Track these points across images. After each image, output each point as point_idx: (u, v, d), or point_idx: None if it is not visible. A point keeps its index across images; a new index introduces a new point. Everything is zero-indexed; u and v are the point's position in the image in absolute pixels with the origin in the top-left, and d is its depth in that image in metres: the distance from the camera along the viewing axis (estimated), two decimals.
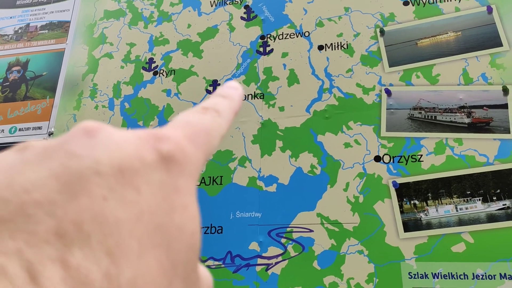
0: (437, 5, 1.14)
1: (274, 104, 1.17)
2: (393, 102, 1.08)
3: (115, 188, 0.15)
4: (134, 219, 0.15)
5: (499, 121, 0.99)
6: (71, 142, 0.16)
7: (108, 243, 0.14)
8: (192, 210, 0.17)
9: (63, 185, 0.14)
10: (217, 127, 0.21)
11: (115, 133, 0.17)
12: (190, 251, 0.17)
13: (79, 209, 0.14)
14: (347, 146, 1.07)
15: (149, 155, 0.16)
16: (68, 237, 0.13)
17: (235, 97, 0.24)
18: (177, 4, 1.36)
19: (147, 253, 0.15)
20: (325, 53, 1.19)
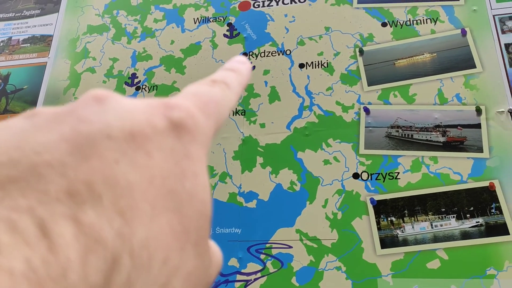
0: (413, 27, 1.18)
1: (255, 120, 1.18)
2: (372, 120, 1.10)
3: (127, 152, 0.15)
4: (146, 183, 0.15)
5: (473, 140, 1.02)
6: (81, 108, 0.16)
7: (120, 204, 0.14)
8: (202, 178, 0.17)
9: (74, 148, 0.14)
10: (226, 98, 0.21)
11: (125, 100, 0.17)
12: (202, 218, 0.16)
13: (90, 170, 0.14)
14: (327, 163, 1.09)
15: (160, 122, 0.16)
16: (80, 197, 0.13)
17: (243, 71, 0.24)
18: (160, 20, 1.38)
19: (159, 217, 0.15)
20: (306, 71, 1.21)
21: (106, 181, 0.14)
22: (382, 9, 1.23)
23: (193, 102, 0.18)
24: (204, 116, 0.18)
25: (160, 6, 1.40)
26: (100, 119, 0.15)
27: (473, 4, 1.16)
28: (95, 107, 0.16)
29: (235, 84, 0.22)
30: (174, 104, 0.17)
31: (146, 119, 0.16)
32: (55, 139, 0.14)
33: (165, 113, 0.17)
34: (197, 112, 0.18)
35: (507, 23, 1.10)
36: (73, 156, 0.14)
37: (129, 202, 0.14)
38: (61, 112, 0.15)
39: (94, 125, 0.15)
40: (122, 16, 1.41)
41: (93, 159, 0.14)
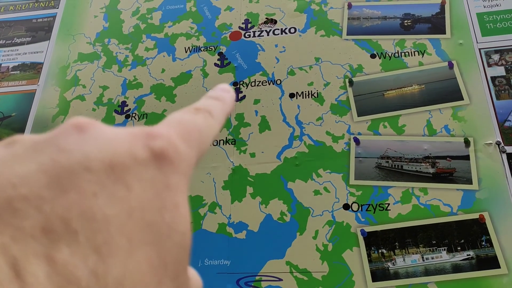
0: (402, 59, 1.20)
1: (245, 150, 1.18)
2: (362, 151, 1.11)
3: (105, 184, 0.14)
4: (123, 216, 0.14)
5: (462, 172, 1.02)
6: (61, 137, 0.15)
7: (96, 240, 0.13)
8: (183, 210, 0.16)
9: (51, 180, 0.14)
10: (210, 127, 0.21)
11: (107, 129, 0.16)
12: (181, 250, 0.16)
13: (67, 204, 0.13)
14: (317, 194, 1.09)
15: (140, 152, 0.16)
16: (55, 233, 0.13)
17: (227, 99, 0.24)
18: (152, 49, 1.39)
19: (136, 251, 0.14)
20: (296, 101, 1.22)
21: (82, 215, 0.13)
22: (370, 41, 1.25)
23: (176, 130, 0.18)
24: (186, 145, 0.18)
25: (152, 35, 1.41)
26: (80, 149, 0.15)
27: (459, 37, 1.19)
28: (75, 136, 0.15)
29: (219, 112, 0.22)
30: (156, 133, 0.17)
31: (126, 149, 0.16)
32: (32, 171, 0.14)
33: (147, 142, 0.16)
34: (179, 141, 0.18)
35: (492, 56, 1.13)
36: (51, 189, 0.13)
37: (106, 237, 0.13)
38: (41, 140, 0.15)
39: (74, 156, 0.14)
40: (113, 44, 1.42)
41: (70, 192, 0.14)
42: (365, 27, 1.27)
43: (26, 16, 1.50)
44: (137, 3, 1.48)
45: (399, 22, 1.26)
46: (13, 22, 1.49)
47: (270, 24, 1.35)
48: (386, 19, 1.27)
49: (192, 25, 1.40)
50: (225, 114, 0.23)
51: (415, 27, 1.23)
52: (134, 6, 1.47)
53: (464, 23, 1.21)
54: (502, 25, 1.16)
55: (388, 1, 1.30)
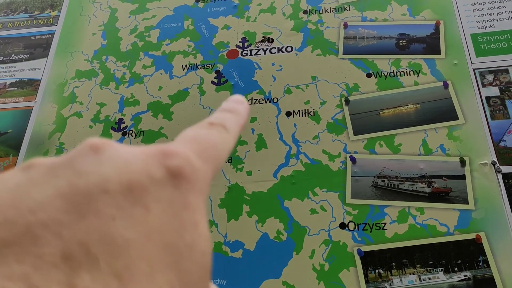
0: (397, 78, 1.21)
1: (242, 168, 1.18)
2: (358, 170, 1.11)
3: (124, 206, 0.14)
4: (143, 239, 0.14)
5: (458, 192, 1.03)
6: (78, 159, 0.15)
7: (117, 265, 0.13)
8: (202, 228, 0.16)
9: (70, 205, 0.13)
10: (225, 141, 0.20)
11: (122, 149, 0.16)
12: (202, 270, 0.16)
13: (86, 229, 0.13)
14: (313, 212, 1.08)
15: (157, 171, 0.16)
16: (75, 260, 0.12)
17: (241, 111, 0.23)
18: (149, 66, 1.39)
19: (157, 275, 0.14)
20: (293, 119, 1.22)
21: (102, 240, 0.13)
22: (366, 60, 1.26)
23: (191, 147, 0.18)
24: (202, 162, 0.18)
25: (149, 53, 1.42)
26: (97, 171, 0.15)
27: (453, 58, 1.20)
28: (91, 158, 0.15)
29: (233, 125, 0.22)
30: (172, 152, 0.17)
31: (143, 169, 0.15)
32: (50, 195, 0.14)
33: (163, 161, 0.16)
34: (195, 159, 0.17)
35: (487, 76, 1.14)
36: (69, 214, 0.13)
37: (126, 262, 0.13)
38: (57, 164, 0.15)
39: (91, 178, 0.14)
40: (111, 61, 1.42)
41: (89, 216, 0.13)
42: (361, 46, 1.29)
43: (24, 33, 1.50)
44: (135, 21, 1.49)
45: (395, 42, 1.27)
46: (11, 39, 1.50)
47: (267, 42, 1.37)
48: (382, 39, 1.29)
49: (189, 43, 1.41)
50: (239, 126, 0.23)
51: (410, 47, 1.25)
52: (132, 24, 1.48)
53: (458, 44, 1.22)
54: (496, 46, 1.18)
55: (384, 21, 1.32)
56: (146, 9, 1.51)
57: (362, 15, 1.35)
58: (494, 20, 1.21)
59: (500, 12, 1.22)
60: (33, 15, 1.54)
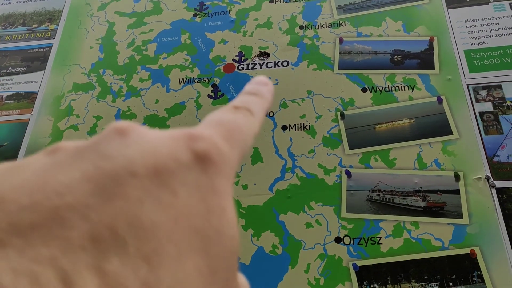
0: (392, 93, 1.22)
1: (237, 182, 1.18)
2: (353, 184, 1.11)
3: (151, 190, 0.14)
4: (171, 223, 0.14)
5: (452, 206, 1.03)
6: (104, 142, 0.15)
7: (145, 249, 0.13)
8: (230, 213, 0.16)
9: (96, 187, 0.13)
10: (250, 125, 0.20)
11: (149, 132, 0.16)
12: (230, 256, 0.15)
13: (114, 212, 0.13)
14: (309, 226, 1.08)
15: (184, 155, 0.16)
16: (104, 243, 0.12)
17: (265, 94, 0.23)
18: (146, 80, 1.40)
19: (185, 259, 0.14)
20: (289, 133, 1.23)
21: (130, 223, 0.13)
22: (362, 75, 1.28)
23: (217, 131, 0.18)
24: (229, 146, 0.17)
25: (146, 66, 1.43)
26: (123, 154, 0.15)
27: (447, 73, 1.22)
28: (117, 141, 0.15)
29: (258, 109, 0.21)
30: (198, 135, 0.17)
31: (169, 152, 0.15)
32: (77, 178, 0.13)
33: (189, 145, 0.16)
34: (222, 142, 0.17)
35: (480, 92, 1.15)
36: (96, 197, 0.13)
37: (155, 245, 0.13)
38: (83, 147, 0.15)
39: (117, 161, 0.14)
40: (108, 75, 1.43)
41: (116, 199, 0.13)
42: (356, 61, 1.30)
43: (22, 46, 1.51)
44: (133, 34, 1.50)
45: (389, 57, 1.29)
46: (8, 52, 1.51)
47: (263, 57, 1.38)
48: (377, 54, 1.30)
49: (186, 57, 1.42)
50: (264, 109, 0.22)
51: (404, 63, 1.26)
52: (129, 38, 1.50)
53: (452, 60, 1.24)
54: (489, 62, 1.19)
55: (379, 37, 1.33)
56: (143, 23, 1.52)
57: (357, 31, 1.36)
58: (487, 36, 1.23)
59: (492, 29, 1.24)
60: (31, 28, 1.55)
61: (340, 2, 1.43)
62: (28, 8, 1.60)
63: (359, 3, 1.41)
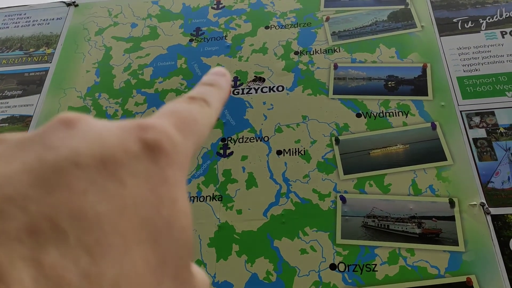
0: (386, 119, 1.23)
1: (232, 206, 1.17)
2: (348, 209, 1.11)
3: (96, 180, 0.13)
4: (117, 214, 0.13)
5: (448, 233, 1.02)
6: (48, 133, 0.14)
7: (88, 239, 0.12)
8: (182, 204, 0.15)
9: (38, 179, 0.13)
10: (206, 116, 0.19)
11: (96, 123, 0.15)
12: (181, 247, 0.15)
13: (55, 204, 0.12)
14: (303, 253, 1.07)
15: (133, 145, 0.15)
16: (42, 235, 0.12)
17: (223, 84, 0.22)
18: (141, 104, 1.40)
19: (132, 250, 0.13)
20: (283, 158, 1.23)
21: (72, 214, 0.12)
22: (356, 100, 1.28)
23: (170, 121, 0.17)
24: (182, 136, 0.17)
25: (142, 90, 1.43)
26: (68, 145, 0.14)
27: (441, 99, 1.23)
28: (62, 132, 0.15)
29: (215, 100, 0.21)
30: (149, 125, 0.16)
31: (118, 143, 0.15)
32: (17, 170, 0.13)
33: (139, 135, 0.15)
34: (174, 132, 0.17)
35: (473, 118, 1.16)
36: (37, 188, 0.13)
37: (98, 236, 0.13)
38: (26, 138, 0.14)
39: (61, 152, 0.14)
40: (104, 98, 1.44)
41: (58, 191, 0.13)
42: (350, 87, 1.31)
43: (18, 69, 1.52)
44: (129, 59, 1.51)
45: (383, 83, 1.30)
46: (5, 75, 1.51)
47: (258, 82, 1.39)
48: (371, 80, 1.31)
49: (182, 81, 1.43)
50: (221, 100, 0.21)
51: (398, 89, 1.28)
52: (126, 62, 1.51)
53: (445, 86, 1.25)
54: (481, 89, 1.21)
55: (373, 63, 1.35)
56: (140, 47, 1.54)
57: (351, 57, 1.38)
58: (479, 64, 1.25)
59: (484, 56, 1.26)
60: (28, 52, 1.56)
61: (334, 28, 1.45)
62: (25, 32, 1.62)
63: (353, 30, 1.44)
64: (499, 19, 1.32)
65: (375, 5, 1.48)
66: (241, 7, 1.59)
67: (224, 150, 1.27)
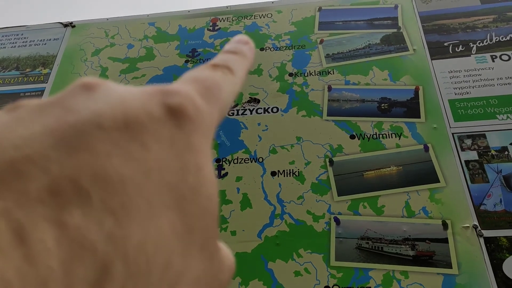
0: (379, 140, 1.24)
1: (226, 228, 1.17)
2: (342, 231, 1.11)
3: (120, 143, 0.13)
4: (141, 177, 0.13)
5: (441, 255, 1.03)
6: (69, 97, 0.14)
7: (112, 202, 0.12)
8: (208, 172, 0.15)
9: (59, 140, 0.12)
10: (230, 83, 0.19)
11: (118, 87, 0.15)
12: (208, 216, 0.14)
13: (77, 165, 0.12)
14: (297, 275, 1.07)
15: (157, 109, 0.14)
16: (65, 196, 0.11)
17: (246, 52, 0.22)
18: None
19: (157, 215, 0.13)
20: (278, 179, 1.23)
21: (95, 176, 0.12)
22: (350, 122, 1.30)
23: (194, 87, 0.17)
24: (206, 103, 0.16)
25: None
26: (90, 108, 0.14)
27: (433, 122, 1.25)
28: (84, 96, 0.14)
29: (239, 67, 0.20)
30: (173, 90, 0.15)
31: (141, 106, 0.14)
32: (38, 132, 0.13)
33: (163, 99, 0.15)
34: (198, 98, 0.16)
35: (465, 141, 1.18)
36: (58, 149, 0.12)
37: (123, 199, 0.12)
38: (47, 102, 0.14)
39: (83, 114, 0.13)
40: None
41: (81, 152, 0.12)
42: (344, 109, 1.33)
43: (14, 89, 1.53)
44: (125, 79, 1.52)
45: (377, 105, 1.32)
46: (1, 95, 1.52)
47: (253, 103, 1.40)
48: (364, 101, 1.33)
49: None
50: (245, 68, 0.21)
51: (391, 111, 1.29)
52: (122, 83, 1.52)
53: (437, 109, 1.27)
54: (473, 112, 1.23)
55: (366, 85, 1.37)
56: (136, 68, 1.55)
57: (345, 79, 1.40)
58: (470, 87, 1.27)
59: (475, 79, 1.28)
60: (24, 72, 1.57)
61: (328, 51, 1.48)
62: (22, 52, 1.63)
63: (347, 53, 1.46)
64: (489, 43, 1.35)
65: (368, 29, 1.50)
66: (236, 29, 1.62)
67: (219, 171, 1.28)
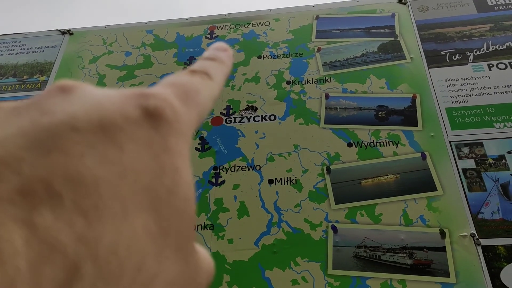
0: (377, 149, 1.24)
1: (223, 236, 1.16)
2: (339, 239, 1.11)
3: (95, 145, 0.13)
4: (116, 179, 0.13)
5: (439, 264, 1.02)
6: (44, 99, 0.14)
7: (84, 203, 0.12)
8: (185, 174, 0.15)
9: (32, 142, 0.12)
10: (208, 88, 0.19)
11: (95, 90, 0.15)
12: (184, 218, 0.14)
13: (50, 166, 0.12)
14: (295, 283, 1.06)
15: (133, 111, 0.14)
16: (36, 197, 0.11)
17: (225, 59, 0.22)
18: None
19: (131, 217, 0.13)
20: (275, 187, 1.23)
21: (68, 177, 0.12)
22: (347, 130, 1.30)
23: (172, 90, 0.17)
24: (184, 105, 0.16)
25: None
26: (65, 110, 0.14)
27: (430, 130, 1.25)
28: (60, 98, 0.14)
29: (217, 73, 0.20)
30: (150, 93, 0.15)
31: (117, 108, 0.14)
32: (11, 133, 0.13)
33: (140, 102, 0.15)
34: (176, 101, 0.16)
35: (462, 149, 1.18)
36: (31, 151, 0.12)
37: (95, 201, 0.12)
38: (23, 105, 0.14)
39: (58, 116, 0.13)
40: None
41: (54, 154, 0.12)
42: (342, 116, 1.33)
43: (11, 96, 1.52)
44: (123, 87, 1.52)
45: (374, 113, 1.32)
46: None
47: (250, 110, 1.40)
48: (362, 110, 1.33)
49: None
50: (223, 74, 0.21)
51: (389, 119, 1.29)
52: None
53: (434, 117, 1.27)
54: (470, 120, 1.23)
55: (363, 93, 1.37)
56: (134, 75, 1.55)
57: (342, 87, 1.40)
58: (467, 95, 1.27)
59: (472, 88, 1.29)
60: (22, 79, 1.56)
61: (326, 59, 1.48)
62: (20, 59, 1.63)
63: (344, 61, 1.46)
64: (485, 52, 1.36)
65: (366, 37, 1.51)
66: (234, 37, 1.62)
67: (216, 179, 1.27)
